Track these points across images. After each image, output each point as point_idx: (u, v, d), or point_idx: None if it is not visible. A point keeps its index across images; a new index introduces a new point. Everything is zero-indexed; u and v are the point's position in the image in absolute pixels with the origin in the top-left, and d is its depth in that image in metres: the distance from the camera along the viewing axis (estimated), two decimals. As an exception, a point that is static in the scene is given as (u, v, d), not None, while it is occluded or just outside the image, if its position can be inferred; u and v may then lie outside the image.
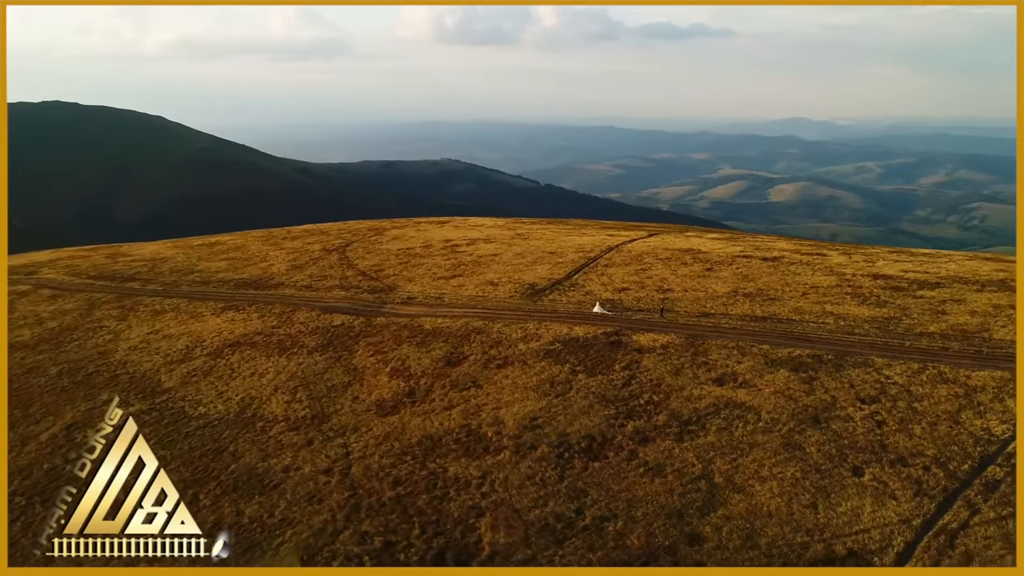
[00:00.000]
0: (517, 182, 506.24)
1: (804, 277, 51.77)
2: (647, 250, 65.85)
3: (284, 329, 48.79)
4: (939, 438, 28.40)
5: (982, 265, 54.29)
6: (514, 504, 26.84)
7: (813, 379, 33.82)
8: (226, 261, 74.72)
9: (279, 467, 30.97)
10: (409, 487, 28.53)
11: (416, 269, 63.73)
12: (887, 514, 24.47)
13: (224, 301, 57.10)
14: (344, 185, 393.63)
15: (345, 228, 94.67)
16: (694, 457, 28.70)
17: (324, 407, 36.48)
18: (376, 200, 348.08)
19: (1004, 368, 33.49)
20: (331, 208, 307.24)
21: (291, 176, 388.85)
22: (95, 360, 46.01)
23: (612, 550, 24.04)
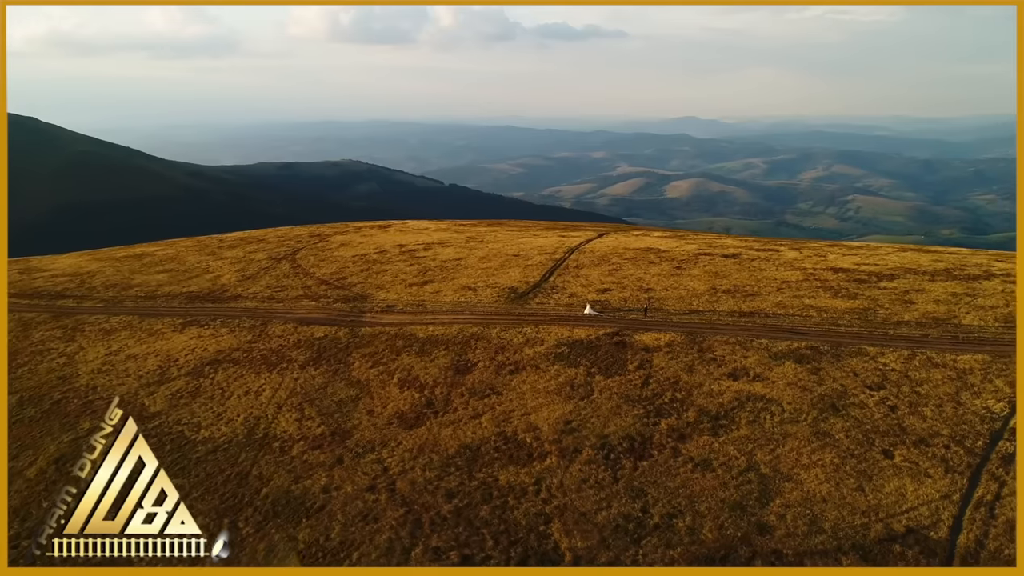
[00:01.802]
0: (421, 182, 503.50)
1: (770, 272, 54.75)
2: (608, 250, 67.44)
3: (263, 344, 46.70)
4: (948, 418, 30.97)
5: (919, 256, 59.28)
6: (578, 508, 27.11)
7: (819, 370, 35.99)
8: (165, 274, 70.52)
9: (316, 488, 29.79)
10: (465, 499, 28.20)
11: (382, 276, 62.44)
12: (928, 491, 26.50)
13: (181, 316, 53.97)
14: (241, 188, 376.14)
15: (284, 235, 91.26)
16: (735, 450, 29.93)
17: (340, 423, 35.31)
18: (274, 203, 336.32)
19: (982, 351, 36.86)
20: (231, 213, 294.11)
21: (183, 180, 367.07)
22: (57, 386, 42.46)
23: (689, 545, 24.78)
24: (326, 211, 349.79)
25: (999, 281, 48.84)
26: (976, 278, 50.23)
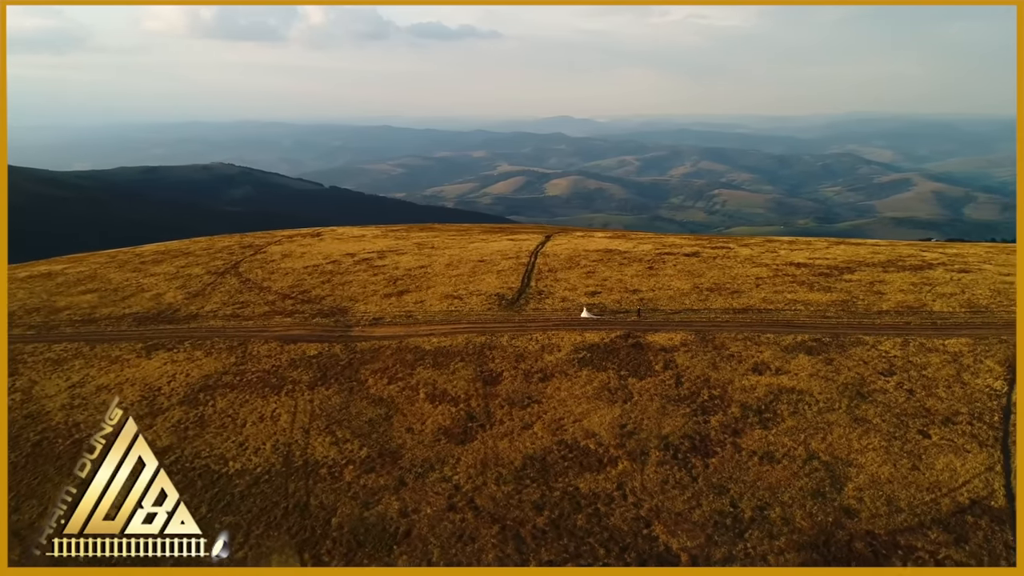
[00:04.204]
0: (299, 185, 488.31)
1: (739, 270, 57.93)
2: (569, 253, 68.66)
3: (253, 365, 44.01)
4: (961, 398, 34.31)
5: (858, 248, 64.84)
6: (671, 508, 27.73)
7: (831, 360, 38.68)
8: (92, 294, 64.65)
9: (393, 512, 28.60)
10: (555, 510, 28.08)
11: (349, 287, 60.30)
12: (973, 465, 29.27)
13: (139, 341, 49.78)
14: (102, 195, 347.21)
15: (209, 247, 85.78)
16: (790, 441, 31.66)
17: (381, 443, 33.99)
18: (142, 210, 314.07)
19: (962, 335, 41.03)
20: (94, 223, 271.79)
21: (35, 188, 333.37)
22: (28, 426, 38.14)
23: (790, 534, 26.02)
24: (202, 218, 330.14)
25: (943, 270, 54.46)
26: (920, 268, 55.70)
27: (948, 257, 61.22)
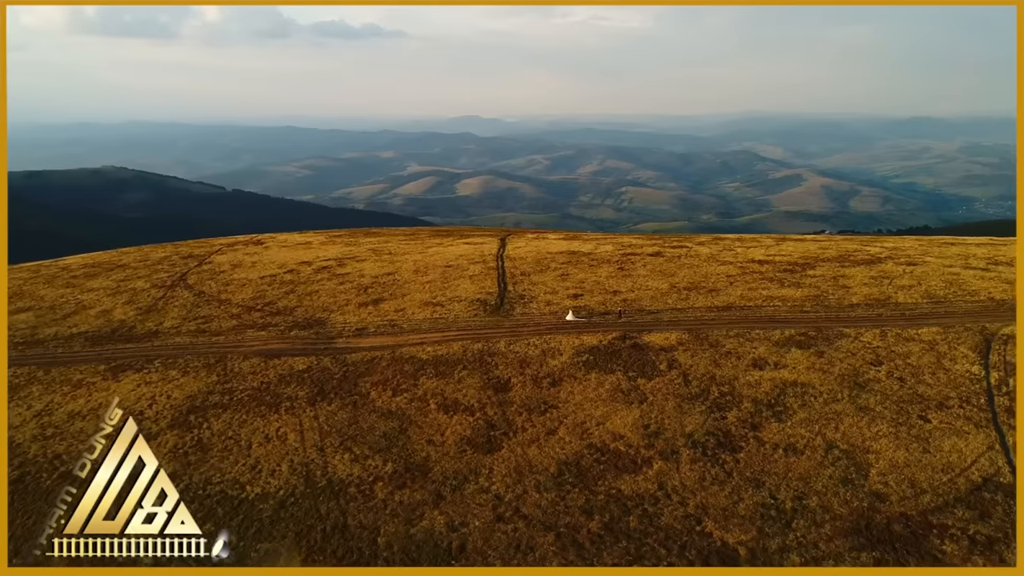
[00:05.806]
0: (199, 188, 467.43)
1: (708, 268, 59.98)
2: (534, 256, 69.02)
3: (240, 383, 41.98)
4: (947, 383, 36.94)
5: (809, 245, 68.41)
6: (716, 504, 28.51)
7: (823, 353, 40.76)
8: (26, 313, 59.86)
9: (440, 528, 28.03)
10: (604, 513, 28.31)
11: (316, 297, 58.38)
12: (976, 445, 31.62)
13: (100, 362, 46.54)
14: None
15: (144, 258, 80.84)
16: (807, 432, 33.18)
17: (404, 457, 33.21)
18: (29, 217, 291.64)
19: (929, 324, 44.13)
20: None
21: None
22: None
23: (832, 521, 27.31)
24: (98, 225, 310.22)
25: (892, 264, 58.35)
26: (871, 262, 59.52)
27: (889, 251, 65.73)
